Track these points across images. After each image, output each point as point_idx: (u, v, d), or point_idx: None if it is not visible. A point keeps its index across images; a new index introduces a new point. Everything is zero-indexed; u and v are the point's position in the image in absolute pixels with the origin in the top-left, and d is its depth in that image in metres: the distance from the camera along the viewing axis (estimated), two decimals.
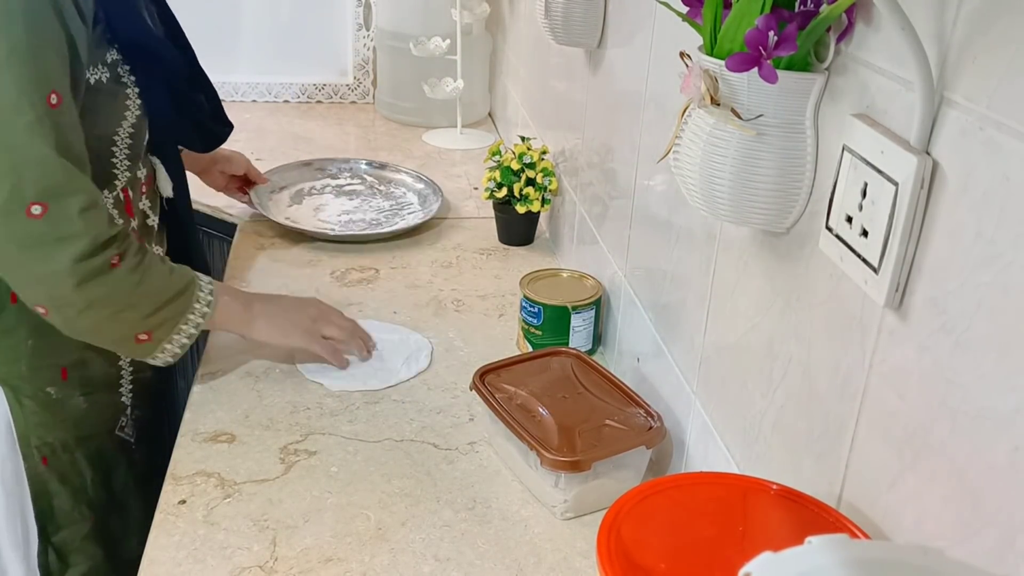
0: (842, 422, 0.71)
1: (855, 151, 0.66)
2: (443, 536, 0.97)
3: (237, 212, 1.70)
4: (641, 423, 1.03)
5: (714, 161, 0.76)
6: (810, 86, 0.73)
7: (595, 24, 1.34)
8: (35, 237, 0.98)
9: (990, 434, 0.54)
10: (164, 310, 1.08)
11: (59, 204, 0.97)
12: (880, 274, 0.63)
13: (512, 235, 1.65)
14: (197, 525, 0.96)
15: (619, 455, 0.99)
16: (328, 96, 2.48)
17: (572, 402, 1.07)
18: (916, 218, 0.61)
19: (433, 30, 2.13)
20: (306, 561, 0.93)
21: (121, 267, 1.03)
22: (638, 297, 1.20)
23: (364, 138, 2.23)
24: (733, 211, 0.77)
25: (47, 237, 0.98)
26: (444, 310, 1.42)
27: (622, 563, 0.65)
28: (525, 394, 1.07)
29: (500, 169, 1.60)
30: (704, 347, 0.99)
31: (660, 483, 0.74)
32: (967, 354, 0.57)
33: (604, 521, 0.69)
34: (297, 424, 1.13)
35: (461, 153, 2.14)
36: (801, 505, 0.71)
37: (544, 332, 1.28)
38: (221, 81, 2.43)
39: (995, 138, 0.54)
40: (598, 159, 1.38)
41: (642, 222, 1.18)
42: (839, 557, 0.45)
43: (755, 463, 0.87)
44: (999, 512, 0.54)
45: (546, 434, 1.00)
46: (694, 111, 0.77)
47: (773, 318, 0.82)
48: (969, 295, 0.56)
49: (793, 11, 0.70)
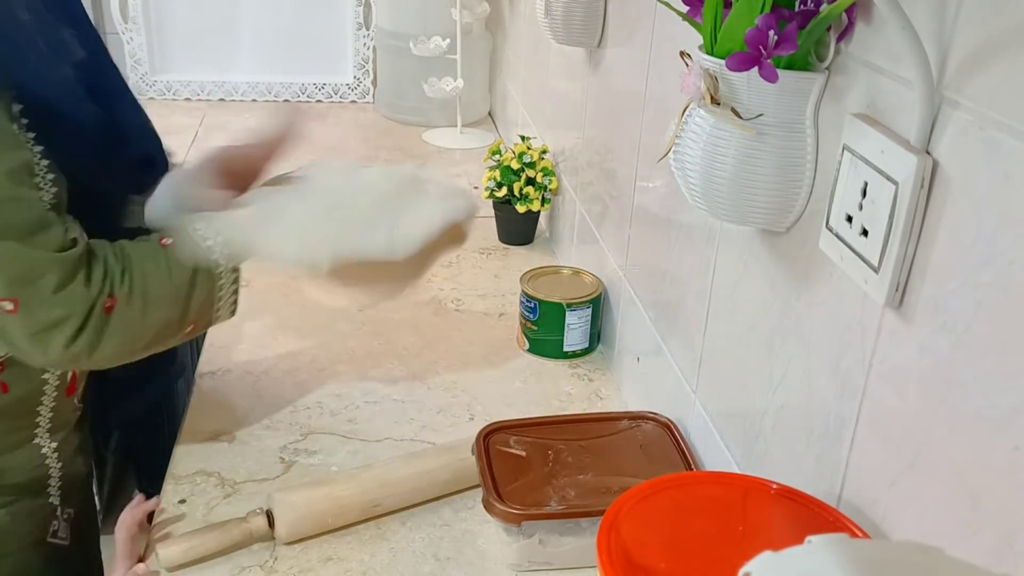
0: (842, 422, 0.71)
1: (855, 150, 0.66)
2: (443, 536, 0.97)
3: None
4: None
5: (714, 160, 0.76)
6: (810, 85, 0.73)
7: (595, 24, 1.34)
8: (22, 332, 0.87)
9: (990, 434, 0.54)
10: (191, 303, 0.94)
11: (29, 293, 0.86)
12: (880, 274, 0.63)
13: (512, 234, 1.65)
14: (197, 524, 0.96)
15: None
16: (328, 95, 2.48)
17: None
18: (916, 218, 0.61)
19: (433, 29, 2.13)
20: (306, 560, 0.93)
21: (118, 306, 0.90)
22: (638, 296, 1.20)
23: (364, 138, 2.23)
24: (733, 210, 0.77)
25: (33, 328, 0.87)
26: (444, 309, 1.42)
27: (622, 562, 0.65)
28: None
29: (500, 168, 1.60)
30: (704, 346, 0.99)
31: (660, 483, 0.74)
32: (967, 354, 0.57)
33: (604, 521, 0.69)
34: (297, 424, 1.13)
35: (461, 152, 2.14)
36: (801, 504, 0.71)
37: (540, 328, 1.28)
38: (221, 80, 2.44)
39: (995, 137, 0.54)
40: (598, 158, 1.38)
41: (642, 221, 1.18)
42: (839, 556, 0.45)
43: (755, 462, 0.87)
44: (999, 512, 0.54)
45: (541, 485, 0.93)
46: (694, 110, 0.77)
47: (773, 317, 0.82)
48: (969, 295, 0.56)
49: (793, 10, 0.70)
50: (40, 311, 0.87)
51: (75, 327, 0.88)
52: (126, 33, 2.35)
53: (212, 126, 2.25)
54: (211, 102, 2.42)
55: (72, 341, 0.88)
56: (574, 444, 1.00)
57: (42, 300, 0.86)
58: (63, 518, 1.07)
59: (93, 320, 0.89)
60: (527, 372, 1.27)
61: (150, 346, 0.95)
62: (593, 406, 1.21)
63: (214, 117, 2.29)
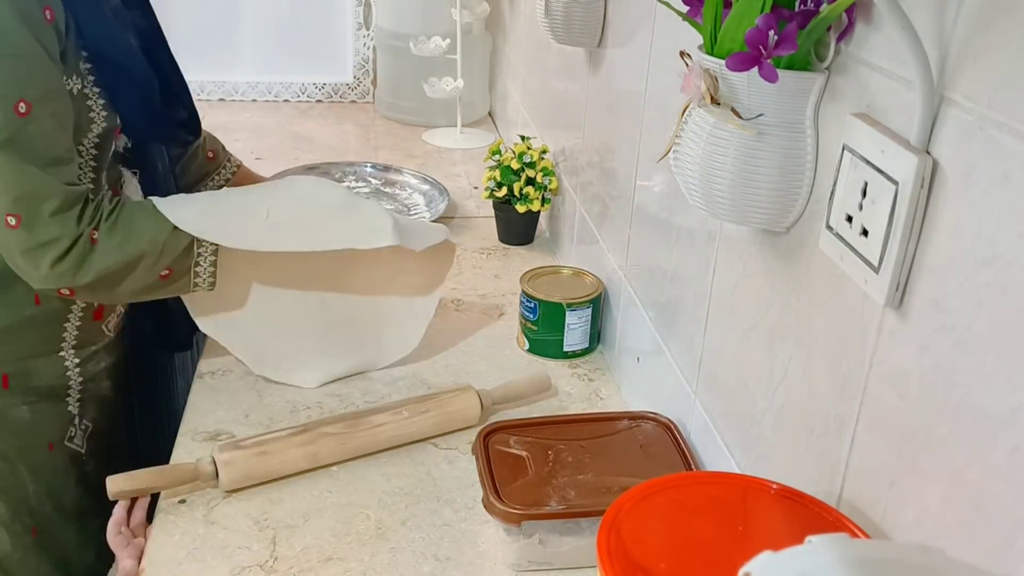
0: (842, 421, 0.71)
1: (855, 150, 0.66)
2: (443, 535, 0.97)
3: None
4: None
5: (714, 160, 0.76)
6: (810, 85, 0.73)
7: (595, 23, 1.34)
8: (19, 246, 1.03)
9: (990, 434, 0.54)
10: (168, 246, 1.07)
11: (31, 212, 1.01)
12: (880, 273, 0.63)
13: (512, 234, 1.65)
14: (197, 524, 0.96)
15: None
16: (328, 95, 2.48)
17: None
18: (916, 217, 0.61)
19: (433, 29, 2.13)
20: (306, 560, 0.93)
21: (99, 238, 1.05)
22: (638, 296, 1.20)
23: (364, 137, 2.23)
24: (733, 210, 0.77)
25: (28, 244, 1.02)
26: (444, 309, 1.42)
27: (622, 562, 0.65)
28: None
29: (500, 168, 1.60)
30: (704, 346, 0.99)
31: (660, 483, 0.74)
32: (967, 354, 0.57)
33: (604, 520, 0.69)
34: (297, 423, 1.13)
35: (461, 152, 2.14)
36: (801, 504, 0.71)
37: (540, 328, 1.28)
38: (221, 80, 2.44)
39: (995, 137, 0.54)
40: (598, 158, 1.38)
41: (642, 221, 1.18)
42: (839, 556, 0.45)
43: (755, 462, 0.87)
44: (999, 512, 0.54)
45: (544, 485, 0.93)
46: (694, 110, 0.77)
47: (773, 317, 0.82)
48: (969, 295, 0.56)
49: (793, 10, 0.70)
50: (37, 229, 1.02)
51: (63, 248, 1.03)
52: None
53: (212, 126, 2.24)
54: (211, 102, 2.42)
55: (58, 261, 1.03)
56: (574, 444, 1.00)
57: (41, 220, 1.02)
58: (80, 427, 1.22)
59: (79, 246, 1.04)
60: (527, 372, 1.27)
61: (131, 286, 1.08)
62: (593, 406, 1.21)
63: (214, 117, 2.28)
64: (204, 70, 2.41)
